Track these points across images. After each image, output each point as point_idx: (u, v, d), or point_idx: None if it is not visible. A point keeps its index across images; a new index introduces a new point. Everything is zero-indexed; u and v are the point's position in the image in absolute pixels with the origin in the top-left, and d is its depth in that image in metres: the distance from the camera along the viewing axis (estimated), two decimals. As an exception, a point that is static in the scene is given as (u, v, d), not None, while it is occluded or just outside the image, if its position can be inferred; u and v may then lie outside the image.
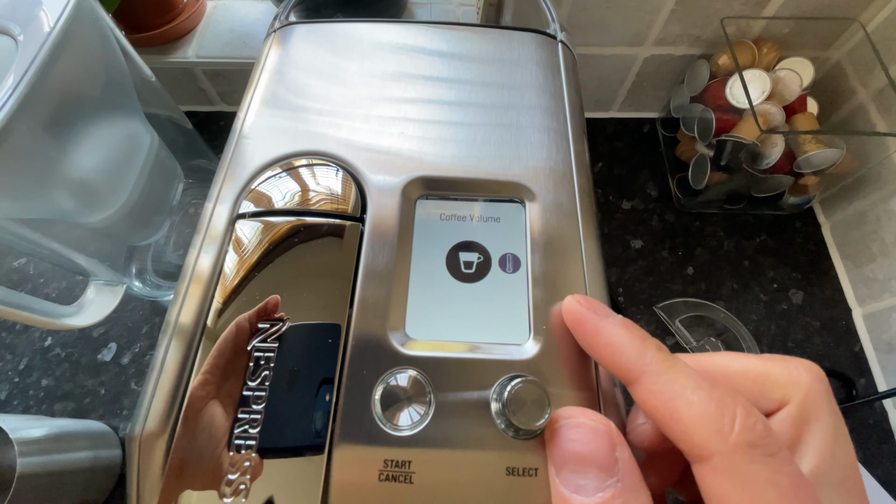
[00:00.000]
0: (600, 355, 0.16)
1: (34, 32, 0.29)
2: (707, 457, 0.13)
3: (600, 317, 0.16)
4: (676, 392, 0.14)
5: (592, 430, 0.15)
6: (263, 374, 0.16)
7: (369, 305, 0.18)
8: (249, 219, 0.19)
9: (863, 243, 0.50)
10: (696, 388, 0.14)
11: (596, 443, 0.14)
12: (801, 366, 0.15)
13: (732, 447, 0.12)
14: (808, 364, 0.15)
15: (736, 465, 0.12)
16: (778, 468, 0.12)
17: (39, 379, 0.46)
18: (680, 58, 0.54)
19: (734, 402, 0.13)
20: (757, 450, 0.12)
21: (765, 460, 0.12)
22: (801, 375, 0.15)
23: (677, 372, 0.14)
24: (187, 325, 0.18)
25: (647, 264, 0.52)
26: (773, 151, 0.45)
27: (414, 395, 0.16)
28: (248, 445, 0.15)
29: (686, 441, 0.13)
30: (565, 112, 0.23)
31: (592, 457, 0.14)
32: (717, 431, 0.13)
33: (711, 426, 0.13)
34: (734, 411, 0.13)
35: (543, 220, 0.20)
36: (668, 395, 0.14)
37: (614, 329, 0.16)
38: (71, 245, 0.39)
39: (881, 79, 0.46)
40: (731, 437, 0.12)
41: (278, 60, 0.24)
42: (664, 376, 0.14)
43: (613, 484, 0.13)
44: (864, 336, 0.49)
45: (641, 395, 0.14)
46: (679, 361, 0.15)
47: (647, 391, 0.14)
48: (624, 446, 0.14)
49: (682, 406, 0.13)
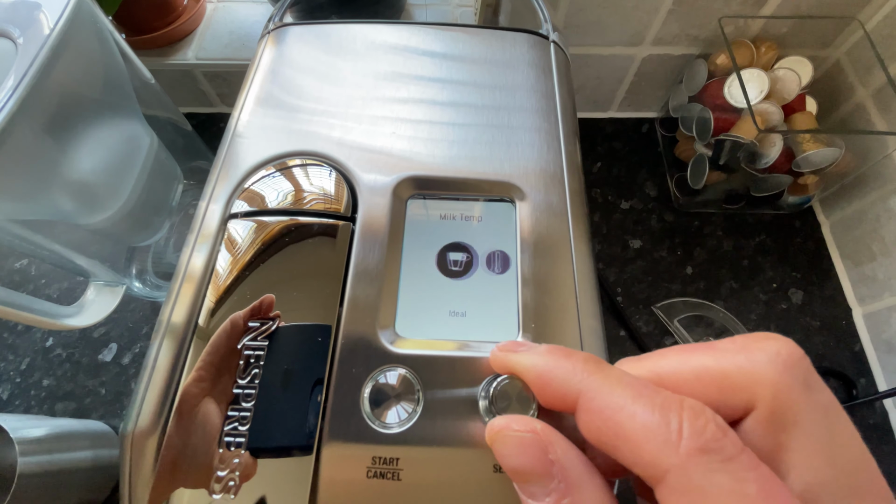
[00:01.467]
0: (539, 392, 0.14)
1: (33, 35, 0.29)
2: (662, 475, 0.11)
3: (520, 353, 0.15)
4: (616, 405, 0.12)
5: (520, 442, 0.14)
6: (253, 372, 0.16)
7: (359, 304, 0.18)
8: (241, 218, 0.20)
9: (863, 242, 0.50)
10: (637, 396, 0.12)
11: (526, 453, 0.13)
12: (764, 354, 0.12)
13: (685, 458, 0.11)
14: (775, 348, 0.13)
15: (692, 479, 0.11)
16: (740, 474, 0.10)
17: (41, 379, 0.46)
18: (678, 57, 0.53)
19: (679, 404, 0.11)
20: (712, 455, 0.11)
21: (723, 467, 0.11)
22: (764, 369, 0.12)
23: (613, 382, 0.13)
24: (179, 324, 0.18)
25: (645, 264, 0.52)
26: (772, 151, 0.45)
27: (402, 392, 0.17)
28: (238, 443, 0.16)
29: (638, 462, 0.11)
30: (557, 113, 0.23)
31: (527, 467, 0.13)
32: (664, 443, 0.11)
33: (658, 437, 0.11)
34: (680, 416, 0.11)
35: (534, 220, 0.20)
36: (608, 410, 0.12)
37: (538, 358, 0.14)
38: (71, 246, 0.40)
39: (880, 77, 0.45)
40: (681, 447, 0.11)
41: (272, 61, 0.25)
42: (601, 391, 0.13)
43: (556, 486, 0.12)
44: (865, 336, 0.49)
45: (583, 419, 0.13)
46: (614, 370, 0.13)
47: (587, 412, 0.13)
48: (556, 444, 0.13)
49: (624, 420, 0.12)
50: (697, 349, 0.14)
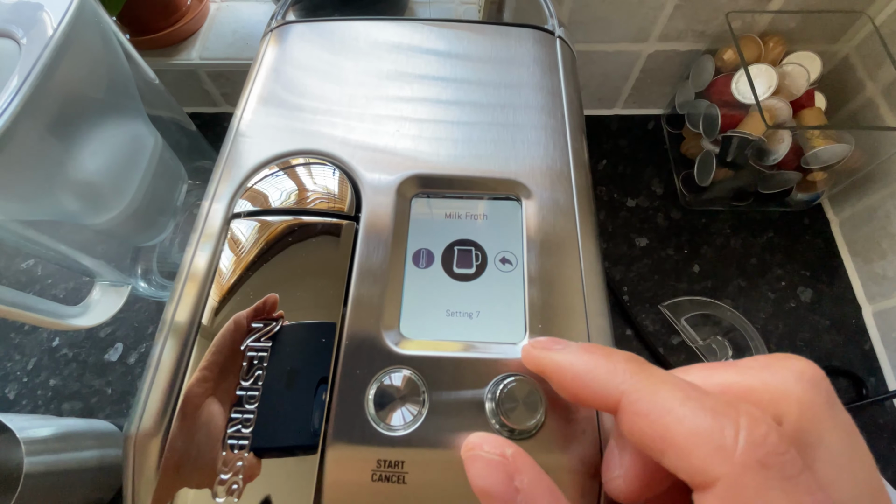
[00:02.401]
0: (575, 392, 0.14)
1: (37, 35, 0.29)
2: (710, 483, 0.10)
3: (556, 351, 0.15)
4: (663, 408, 0.11)
5: (487, 463, 0.13)
6: (256, 373, 0.16)
7: (363, 304, 0.18)
8: (245, 218, 0.19)
9: (873, 240, 0.49)
10: (685, 399, 0.11)
11: (492, 476, 0.13)
12: (789, 373, 0.12)
13: (740, 468, 0.10)
14: (799, 367, 0.12)
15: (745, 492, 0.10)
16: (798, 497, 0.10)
17: (47, 379, 0.47)
18: (684, 53, 0.53)
19: (735, 410, 0.11)
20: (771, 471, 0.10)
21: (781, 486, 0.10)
22: (790, 387, 0.12)
23: (658, 383, 0.12)
24: (183, 324, 0.18)
25: (652, 262, 0.52)
26: (780, 147, 0.45)
27: (408, 394, 0.16)
28: (241, 445, 0.15)
29: (685, 467, 0.11)
30: (563, 109, 0.23)
31: (492, 490, 0.13)
32: (717, 449, 0.10)
33: (710, 443, 0.10)
34: (736, 422, 0.10)
35: (540, 218, 0.20)
36: (654, 413, 0.11)
37: (575, 357, 0.14)
38: (77, 246, 0.40)
39: (890, 72, 0.45)
40: (737, 456, 0.10)
41: (275, 59, 0.24)
42: (645, 392, 0.12)
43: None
44: (875, 334, 0.49)
45: (626, 421, 0.12)
46: (659, 371, 0.13)
47: (631, 414, 0.12)
48: (525, 473, 0.13)
49: (671, 423, 0.11)
50: (721, 366, 0.13)
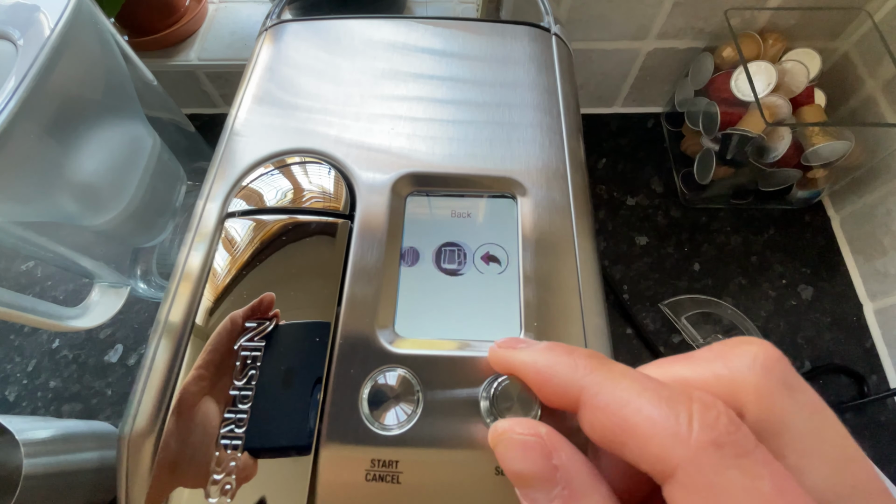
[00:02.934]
0: (539, 389, 0.14)
1: (34, 37, 0.29)
2: (671, 471, 0.10)
3: (519, 350, 0.15)
4: (622, 400, 0.12)
5: (522, 445, 0.13)
6: (250, 373, 0.16)
7: (358, 303, 0.18)
8: (239, 217, 0.19)
9: (874, 237, 0.49)
10: (643, 390, 0.12)
11: (529, 457, 0.13)
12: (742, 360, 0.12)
13: (695, 451, 0.10)
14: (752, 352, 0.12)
15: (704, 474, 0.10)
16: (755, 471, 0.10)
17: (47, 380, 0.47)
18: (684, 51, 0.53)
19: (688, 397, 0.11)
20: (725, 450, 0.10)
21: (737, 463, 0.10)
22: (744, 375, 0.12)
23: (617, 377, 0.12)
24: (177, 324, 0.18)
25: (652, 261, 0.52)
26: (780, 144, 0.44)
27: (402, 393, 0.16)
28: (235, 445, 0.15)
29: (646, 457, 0.11)
30: (559, 108, 0.23)
31: (530, 472, 0.13)
32: (674, 436, 0.10)
33: (666, 430, 0.11)
34: (689, 408, 0.11)
35: (535, 216, 0.20)
36: (613, 405, 0.12)
37: (537, 355, 0.14)
38: (76, 248, 0.40)
39: (890, 69, 0.45)
40: (692, 439, 0.10)
41: (270, 58, 0.24)
42: (604, 385, 0.12)
43: (560, 493, 0.12)
44: (876, 332, 0.48)
45: (587, 416, 0.12)
46: (617, 365, 0.13)
47: (592, 408, 0.12)
48: (561, 450, 0.13)
49: (630, 414, 0.11)
50: (676, 361, 0.13)
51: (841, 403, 0.45)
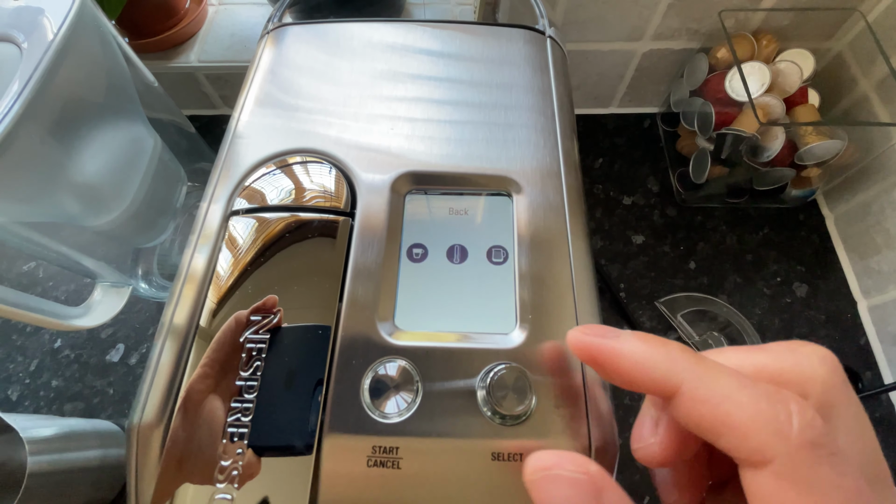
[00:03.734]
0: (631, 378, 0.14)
1: (38, 40, 0.30)
2: (767, 461, 0.12)
3: (612, 339, 0.15)
4: (722, 395, 0.12)
5: (572, 483, 0.13)
6: (255, 364, 0.17)
7: (359, 297, 0.18)
8: (242, 215, 0.20)
9: (867, 235, 0.50)
10: (741, 387, 0.12)
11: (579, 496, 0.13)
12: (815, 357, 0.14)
13: (796, 448, 0.11)
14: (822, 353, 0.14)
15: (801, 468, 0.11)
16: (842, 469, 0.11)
17: (50, 380, 0.47)
18: (679, 52, 0.53)
19: (786, 398, 0.12)
20: (821, 450, 0.11)
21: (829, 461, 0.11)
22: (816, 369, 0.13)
23: (716, 373, 0.13)
24: (182, 321, 0.18)
25: (648, 259, 0.52)
26: (774, 144, 0.45)
27: (402, 383, 0.17)
28: (241, 433, 0.16)
29: (743, 447, 0.12)
30: (554, 109, 0.24)
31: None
32: (775, 432, 0.11)
33: (769, 427, 0.12)
34: (788, 408, 0.12)
35: (530, 214, 0.21)
36: (715, 399, 0.12)
37: (634, 346, 0.14)
38: (78, 248, 0.40)
39: (883, 69, 0.45)
40: (793, 437, 0.11)
41: (272, 61, 0.25)
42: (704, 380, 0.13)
43: None
44: (870, 329, 0.49)
45: (685, 406, 0.13)
46: (711, 360, 0.14)
47: (692, 401, 0.13)
48: (610, 489, 0.13)
49: (732, 409, 0.12)
50: (755, 349, 0.15)
51: (835, 399, 0.45)
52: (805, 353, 0.14)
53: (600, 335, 0.15)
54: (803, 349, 0.14)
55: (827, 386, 0.13)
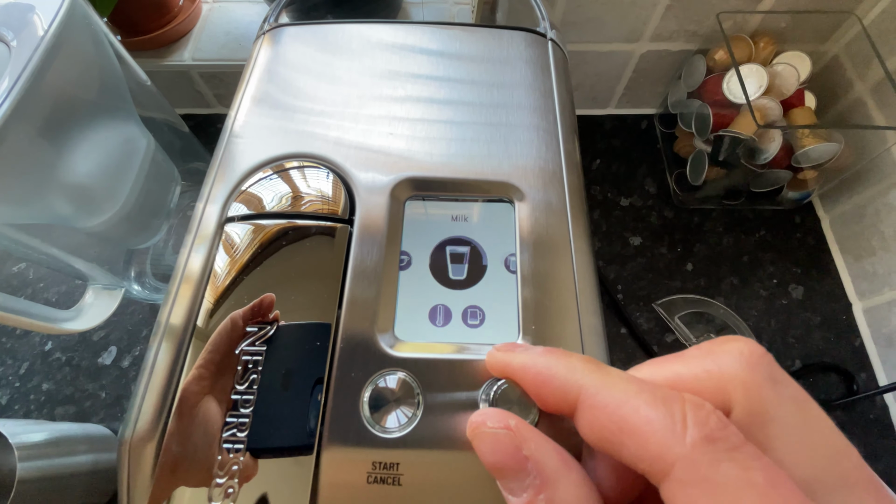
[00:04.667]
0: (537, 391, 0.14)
1: (27, 38, 0.29)
2: (668, 469, 0.11)
3: (518, 353, 0.15)
4: (620, 400, 0.12)
5: (493, 438, 0.14)
6: (251, 377, 0.16)
7: (358, 308, 0.18)
8: (238, 222, 0.19)
9: (863, 237, 0.50)
10: (639, 391, 0.12)
11: (501, 449, 0.13)
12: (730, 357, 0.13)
13: (691, 447, 0.11)
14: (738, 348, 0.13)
15: (701, 469, 0.11)
16: (747, 463, 0.11)
17: (40, 383, 0.46)
18: (676, 53, 0.53)
19: (679, 397, 0.12)
20: (717, 444, 0.11)
21: (730, 456, 0.11)
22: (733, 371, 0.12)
23: (614, 379, 0.13)
24: (177, 326, 0.18)
25: (645, 261, 0.52)
26: (771, 146, 0.45)
27: (402, 396, 0.16)
28: (237, 449, 0.15)
29: (644, 456, 0.11)
30: (555, 111, 0.23)
31: (503, 463, 0.13)
32: (670, 434, 0.11)
33: (664, 429, 0.11)
34: (682, 408, 0.11)
35: (533, 220, 0.20)
36: (612, 405, 0.12)
37: (536, 358, 0.15)
38: (69, 250, 0.40)
39: (879, 72, 0.45)
40: (687, 437, 0.11)
41: (268, 61, 0.24)
42: (602, 386, 0.13)
43: (532, 482, 0.13)
44: (865, 330, 0.49)
45: (586, 416, 0.13)
46: (613, 369, 0.13)
47: (590, 408, 0.13)
48: (531, 440, 0.13)
49: (629, 414, 0.12)
50: (668, 360, 0.14)
51: (830, 401, 0.46)
52: (721, 353, 0.13)
53: (509, 350, 0.15)
54: (720, 349, 0.13)
55: (749, 388, 0.12)
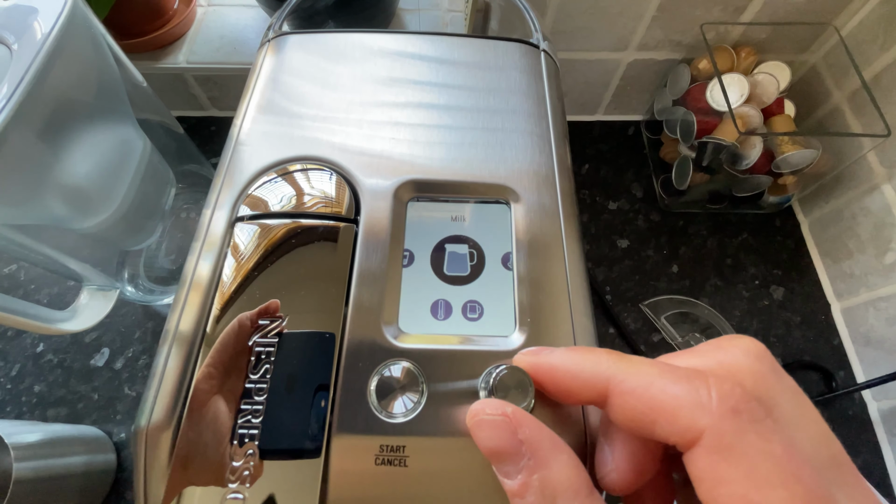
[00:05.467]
0: (567, 387, 0.16)
1: (28, 41, 0.29)
2: (697, 438, 0.12)
3: (546, 354, 0.16)
4: (647, 382, 0.13)
5: (491, 424, 0.15)
6: (265, 367, 0.17)
7: (364, 302, 0.19)
8: (247, 222, 0.20)
9: (840, 240, 0.52)
10: (662, 373, 0.13)
11: (498, 434, 0.15)
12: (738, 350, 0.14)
13: (718, 417, 0.12)
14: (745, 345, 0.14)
15: (726, 437, 0.12)
16: (768, 435, 0.12)
17: (32, 385, 0.46)
18: (662, 62, 0.55)
19: (703, 375, 0.13)
20: (743, 416, 0.12)
21: (753, 427, 0.12)
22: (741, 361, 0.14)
23: (638, 364, 0.14)
24: (189, 327, 0.18)
25: (633, 263, 0.54)
26: (752, 152, 0.47)
27: (407, 384, 0.17)
28: (252, 435, 0.16)
29: (674, 429, 0.12)
30: (548, 117, 0.24)
31: (500, 447, 0.14)
32: (698, 406, 0.12)
33: (691, 402, 0.12)
34: (707, 383, 0.12)
35: (527, 221, 0.21)
36: (641, 389, 0.13)
37: (564, 357, 0.16)
38: (64, 250, 0.40)
39: (855, 81, 0.47)
40: (714, 407, 0.12)
41: (273, 69, 0.25)
42: (629, 373, 0.14)
43: (526, 464, 0.14)
44: (843, 330, 0.51)
45: (617, 403, 0.14)
46: (634, 356, 0.15)
47: (620, 394, 0.14)
48: (525, 425, 0.14)
49: (657, 393, 0.13)
50: (683, 353, 0.15)
51: (811, 398, 0.47)
52: (730, 347, 0.14)
53: (536, 353, 0.17)
54: (729, 344, 0.15)
55: (756, 376, 0.14)
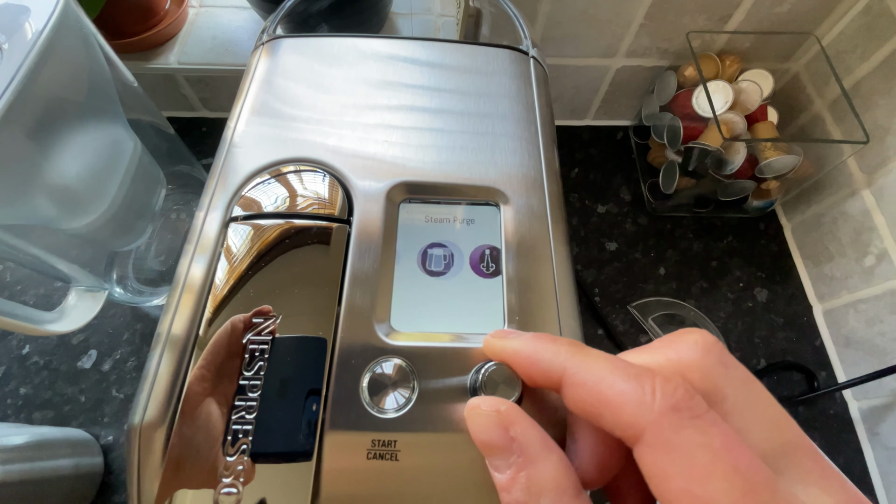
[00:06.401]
0: (528, 372, 0.16)
1: (19, 40, 0.29)
2: (640, 434, 0.13)
3: (511, 339, 0.17)
4: (598, 377, 0.14)
5: (485, 418, 0.15)
6: (258, 364, 0.17)
7: (356, 301, 0.19)
8: (241, 222, 0.20)
9: (821, 243, 0.53)
10: (614, 370, 0.14)
11: (490, 429, 0.15)
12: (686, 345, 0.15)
13: (658, 415, 0.12)
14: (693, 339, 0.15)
15: (666, 434, 0.12)
16: (707, 429, 0.12)
17: (17, 387, 0.45)
18: (650, 69, 0.56)
19: (651, 374, 0.13)
20: (682, 413, 0.12)
21: (692, 423, 0.12)
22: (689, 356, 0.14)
23: (594, 359, 0.15)
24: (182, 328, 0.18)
25: (621, 265, 0.54)
26: (737, 158, 0.48)
27: (399, 381, 0.18)
28: (245, 431, 0.16)
29: (619, 424, 0.13)
30: (537, 122, 0.25)
31: (491, 441, 0.15)
32: (640, 403, 0.13)
33: (635, 400, 0.13)
34: (653, 382, 0.13)
35: (516, 223, 0.22)
36: (591, 382, 0.14)
37: (525, 343, 0.16)
38: (52, 251, 0.39)
39: (835, 89, 0.48)
40: (655, 405, 0.13)
41: (267, 72, 0.25)
42: (583, 366, 0.14)
43: (515, 460, 0.14)
44: (824, 331, 0.52)
45: (569, 392, 0.15)
46: (593, 350, 0.15)
47: (572, 385, 0.14)
48: (518, 423, 0.15)
49: (605, 389, 0.14)
50: (636, 352, 0.16)
51: (793, 397, 0.48)
52: (679, 343, 0.15)
53: (503, 337, 0.17)
54: (678, 339, 0.15)
55: (704, 369, 0.14)
